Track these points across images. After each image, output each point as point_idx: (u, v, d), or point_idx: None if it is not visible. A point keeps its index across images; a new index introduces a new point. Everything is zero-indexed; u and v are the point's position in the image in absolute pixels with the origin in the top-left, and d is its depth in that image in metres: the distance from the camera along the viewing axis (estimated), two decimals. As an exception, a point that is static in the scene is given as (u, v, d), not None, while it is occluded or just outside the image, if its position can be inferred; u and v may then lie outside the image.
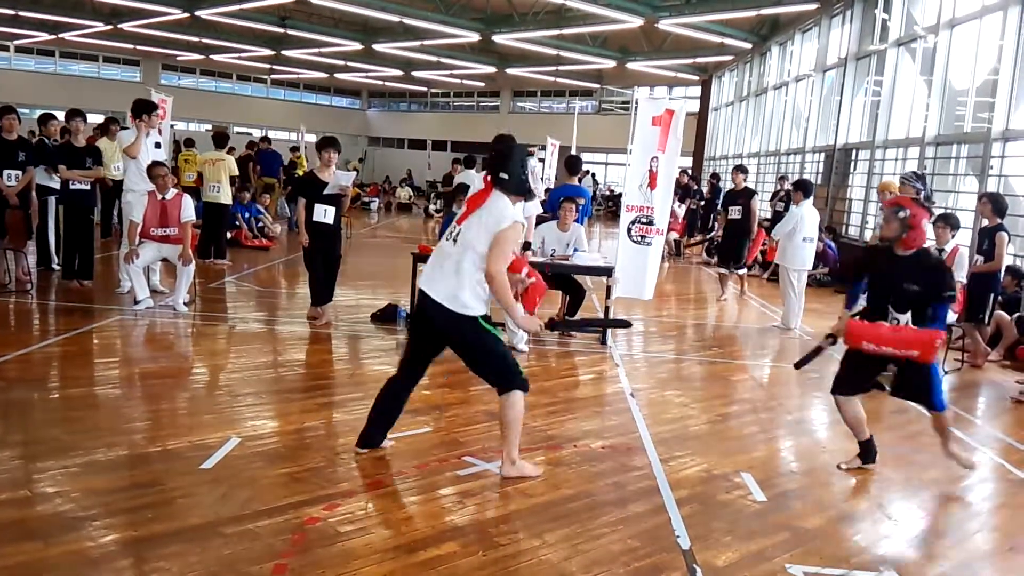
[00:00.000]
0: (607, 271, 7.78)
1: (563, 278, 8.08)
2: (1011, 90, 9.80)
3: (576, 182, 8.88)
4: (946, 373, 7.32)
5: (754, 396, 6.42)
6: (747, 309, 10.91)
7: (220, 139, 11.92)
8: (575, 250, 8.02)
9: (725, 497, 4.16)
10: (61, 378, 5.67)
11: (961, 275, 7.28)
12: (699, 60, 24.00)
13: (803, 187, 9.29)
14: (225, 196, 11.24)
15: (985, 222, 7.77)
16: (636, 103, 8.12)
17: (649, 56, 23.82)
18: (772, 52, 20.32)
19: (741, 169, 11.29)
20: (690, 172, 19.98)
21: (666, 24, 17.91)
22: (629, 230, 7.96)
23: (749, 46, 20.70)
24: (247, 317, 8.14)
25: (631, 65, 24.68)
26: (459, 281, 3.98)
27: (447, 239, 4.14)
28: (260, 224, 14.13)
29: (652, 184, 7.93)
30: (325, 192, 7.54)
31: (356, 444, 4.40)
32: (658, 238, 8.02)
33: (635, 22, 17.95)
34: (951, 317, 7.37)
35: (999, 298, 8.00)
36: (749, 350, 8.08)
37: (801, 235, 8.96)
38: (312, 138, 11.05)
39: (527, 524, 3.69)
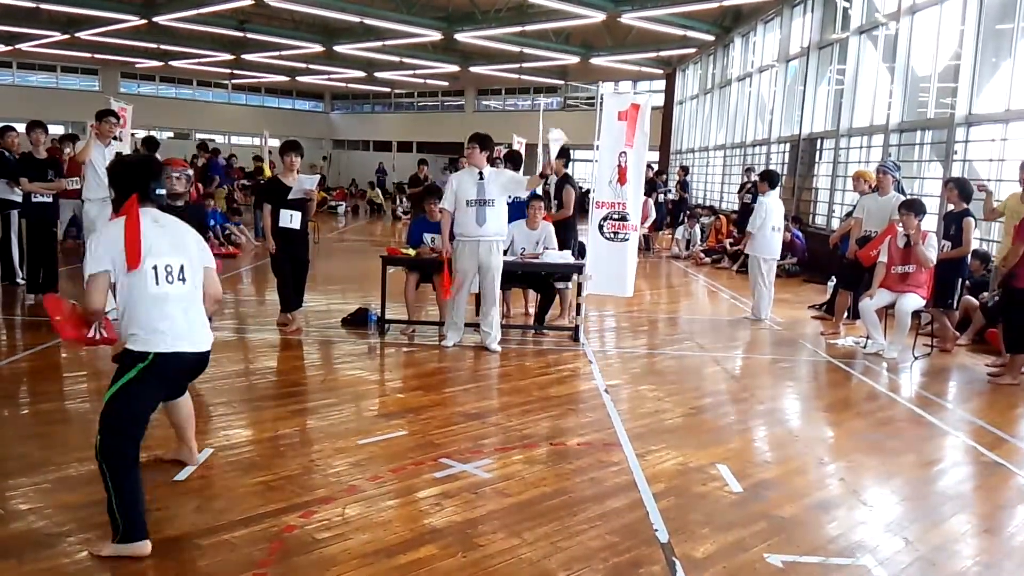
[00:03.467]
0: (578, 268, 7.79)
1: (534, 277, 8.09)
2: (973, 75, 9.95)
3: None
4: (916, 358, 7.44)
5: (727, 388, 6.47)
6: (718, 301, 11.00)
7: (153, 144, 11.54)
8: (545, 248, 8.03)
9: (701, 489, 4.18)
10: (30, 393, 5.57)
11: (932, 259, 7.38)
12: (663, 53, 24.12)
13: (769, 177, 9.37)
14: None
15: (951, 207, 7.87)
16: (601, 98, 8.13)
17: (613, 51, 23.90)
18: (735, 43, 20.48)
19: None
20: (655, 167, 20.07)
21: (628, 18, 17.98)
22: (601, 227, 7.97)
23: (712, 38, 20.84)
24: (218, 325, 8.02)
25: (595, 60, 24.75)
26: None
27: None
28: (226, 232, 13.96)
29: (622, 179, 7.94)
30: (289, 197, 7.48)
31: None
32: (633, 234, 8.03)
33: (598, 17, 18.00)
34: (919, 303, 7.49)
35: (967, 283, 8.13)
36: (721, 342, 8.14)
37: (769, 224, 9.04)
38: (276, 143, 10.90)
39: (505, 524, 3.68)
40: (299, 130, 34.04)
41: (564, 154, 9.03)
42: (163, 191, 3.63)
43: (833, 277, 10.40)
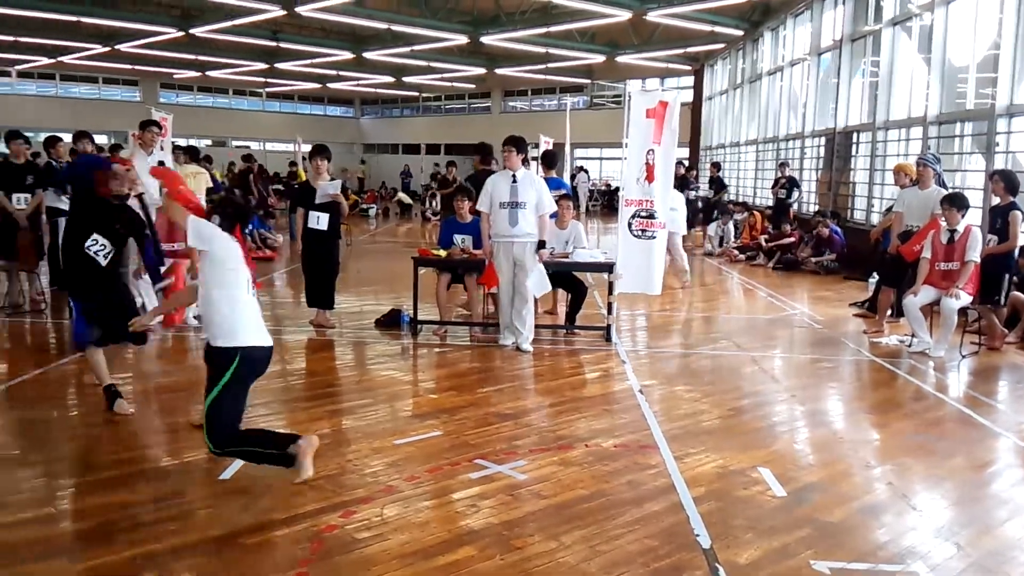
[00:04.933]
0: (608, 267, 7.72)
1: (564, 276, 8.03)
2: (1013, 64, 9.69)
3: (554, 175, 8.94)
4: (963, 357, 7.24)
5: (767, 388, 6.34)
6: (754, 299, 10.85)
7: (195, 152, 11.71)
8: (574, 247, 7.98)
9: (743, 493, 4.09)
10: (78, 395, 5.65)
11: (975, 255, 7.18)
12: (690, 50, 23.91)
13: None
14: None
15: (997, 200, 7.63)
16: (629, 97, 8.06)
17: (639, 49, 23.74)
18: (764, 38, 20.24)
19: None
20: (686, 163, 19.89)
21: (655, 16, 17.83)
22: (629, 224, 7.90)
23: (740, 33, 20.60)
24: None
25: (621, 59, 24.61)
26: None
27: None
28: (263, 236, 14.09)
29: (649, 177, 7.87)
30: (316, 200, 7.58)
31: None
32: (661, 232, 7.96)
33: (623, 15, 17.87)
34: (966, 300, 7.29)
35: (1014, 278, 7.85)
36: (759, 341, 8.00)
37: None
38: (308, 148, 10.99)
39: (543, 526, 3.63)
40: (330, 135, 34.32)
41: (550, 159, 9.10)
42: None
43: (874, 274, 10.19)
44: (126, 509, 3.74)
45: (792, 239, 14.09)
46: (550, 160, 9.42)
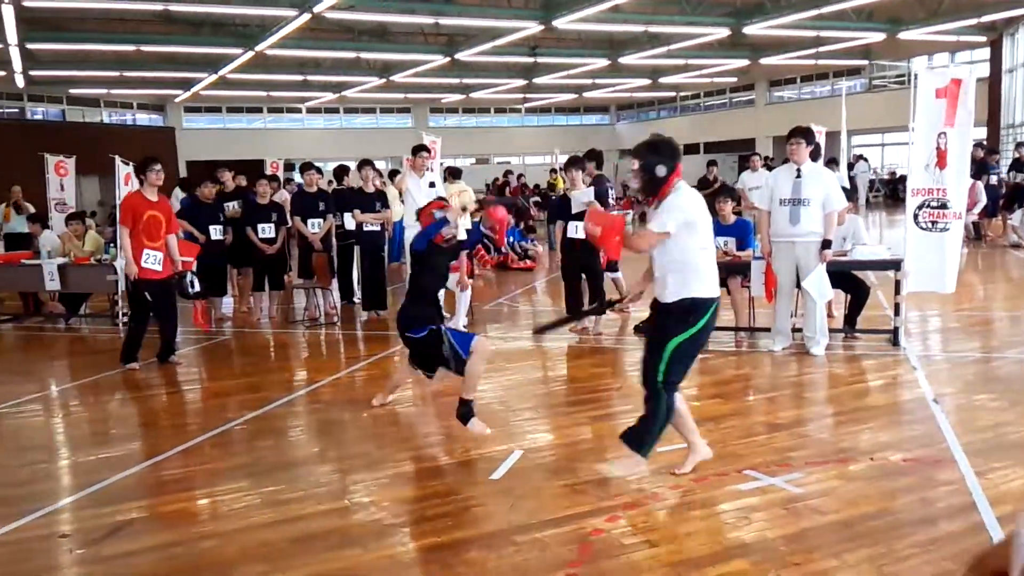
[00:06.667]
0: (894, 264, 7.09)
1: (843, 275, 7.48)
2: None
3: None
4: None
5: (1089, 396, 5.47)
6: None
7: (457, 173, 12.17)
8: (853, 244, 7.42)
9: (1060, 514, 3.56)
10: (367, 398, 6.13)
11: None
12: (985, 19, 21.19)
13: None
14: (467, 223, 11.60)
15: None
16: (915, 76, 7.35)
17: (925, 22, 21.46)
18: (1076, -3, 17.50)
19: None
20: (984, 144, 17.68)
21: (942, -16, 16.10)
22: (916, 216, 7.20)
23: (1047, -6, 17.98)
24: (517, 335, 8.46)
25: (903, 35, 22.40)
26: None
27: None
28: (524, 248, 14.70)
29: (941, 163, 7.12)
30: (573, 211, 7.74)
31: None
32: (956, 223, 7.17)
33: (905, -12, 16.32)
34: None
35: None
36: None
37: None
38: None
39: (822, 543, 3.42)
40: (586, 144, 34.58)
41: (596, 157, 8.42)
42: None
43: None
44: (412, 503, 4.09)
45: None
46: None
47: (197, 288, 7.62)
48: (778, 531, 3.55)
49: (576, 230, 7.77)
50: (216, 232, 9.36)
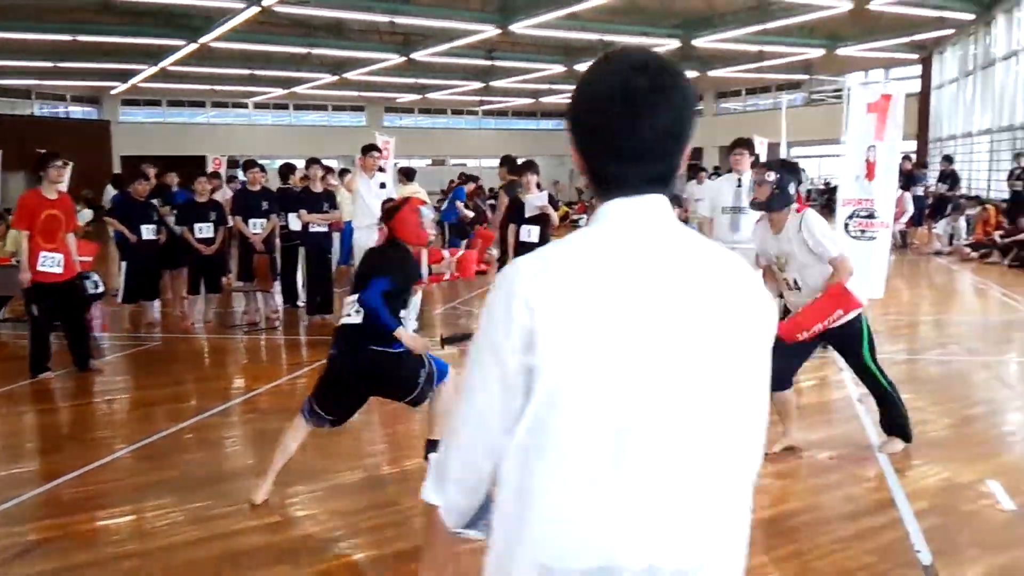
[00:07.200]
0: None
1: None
2: None
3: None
4: None
5: (999, 396, 5.84)
6: (988, 300, 9.89)
7: (409, 173, 12.05)
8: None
9: (970, 507, 3.82)
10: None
11: None
12: (917, 38, 22.09)
13: None
14: None
15: None
16: (848, 91, 7.69)
17: (861, 39, 22.28)
18: (998, 21, 18.41)
19: None
20: (913, 158, 18.42)
21: (878, 4, 16.73)
22: (846, 225, 7.52)
23: (972, 17, 18.84)
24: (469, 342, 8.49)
25: (842, 51, 23.20)
26: None
27: None
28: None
29: (870, 175, 7.46)
30: (526, 214, 7.86)
31: None
32: (883, 231, 7.51)
33: (845, 6, 16.93)
34: None
35: None
36: (993, 345, 7.31)
37: None
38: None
39: (753, 540, 3.53)
40: (542, 149, 35.12)
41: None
42: None
43: None
44: (349, 516, 3.93)
45: (1031, 234, 12.68)
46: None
47: (101, 289, 7.21)
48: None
49: (529, 234, 7.86)
50: (148, 232, 8.90)
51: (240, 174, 14.17)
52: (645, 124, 1.30)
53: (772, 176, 4.33)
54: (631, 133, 1.30)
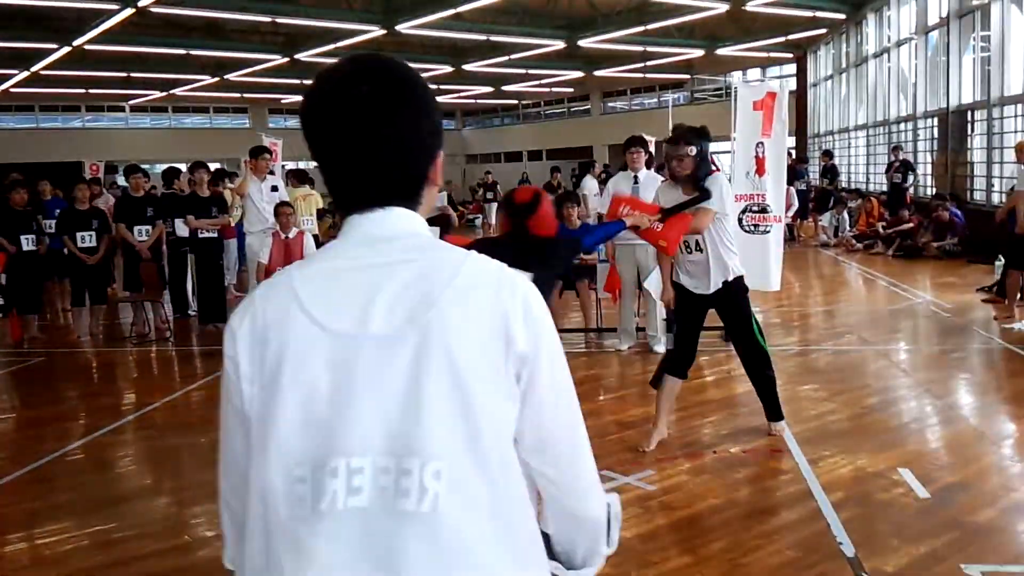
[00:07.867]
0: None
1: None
2: None
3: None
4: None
5: (897, 383, 6.09)
6: (875, 289, 10.42)
7: (303, 175, 11.77)
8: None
9: (884, 496, 3.94)
10: (206, 421, 5.76)
11: None
12: (792, 37, 23.14)
13: None
14: (314, 229, 11.41)
15: None
16: (735, 91, 7.89)
17: (739, 40, 23.16)
18: (868, 20, 19.47)
19: None
20: (794, 153, 19.29)
21: (754, 5, 17.39)
22: (740, 220, 7.71)
23: (843, 16, 19.88)
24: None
25: (721, 51, 24.04)
26: None
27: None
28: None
29: (760, 171, 7.66)
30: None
31: None
32: (776, 225, 7.74)
33: (722, 7, 17.51)
34: None
35: None
36: (884, 334, 7.67)
37: None
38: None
39: (677, 539, 3.59)
40: (435, 148, 34.82)
41: None
42: None
43: (1000, 256, 9.63)
44: None
45: (911, 224, 13.48)
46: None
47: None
48: (635, 530, 3.67)
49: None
50: (28, 242, 8.51)
51: (121, 180, 13.55)
52: (373, 133, 1.17)
53: (692, 149, 4.34)
54: (358, 144, 1.18)
